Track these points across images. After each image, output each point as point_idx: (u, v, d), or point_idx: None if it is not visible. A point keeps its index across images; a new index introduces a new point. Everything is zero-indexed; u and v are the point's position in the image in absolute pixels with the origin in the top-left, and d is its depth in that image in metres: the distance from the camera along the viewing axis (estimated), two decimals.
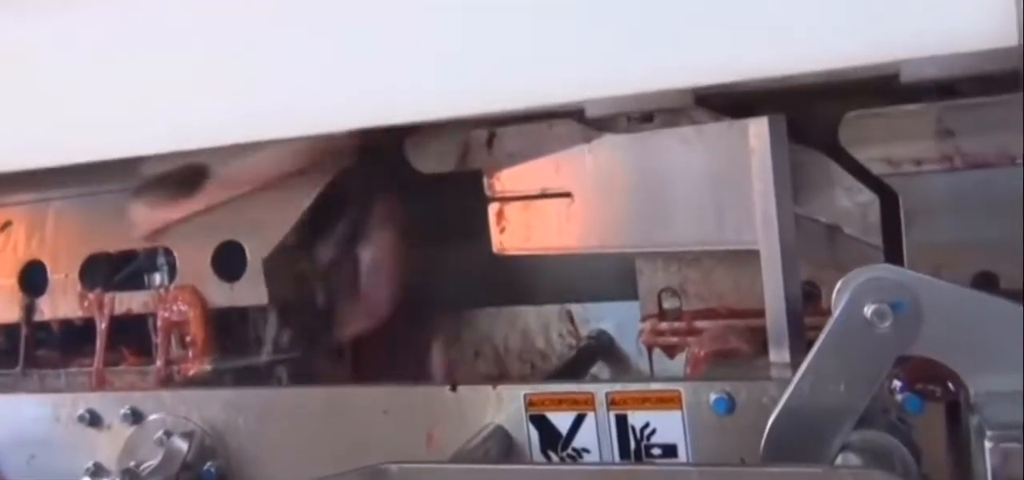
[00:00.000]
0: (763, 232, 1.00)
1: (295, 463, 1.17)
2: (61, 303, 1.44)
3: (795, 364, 0.90)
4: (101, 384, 1.38)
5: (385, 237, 1.34)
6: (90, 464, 1.23)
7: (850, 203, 1.11)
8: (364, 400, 1.11)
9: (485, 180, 1.26)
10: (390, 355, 1.46)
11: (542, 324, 1.53)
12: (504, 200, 1.26)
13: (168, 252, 1.41)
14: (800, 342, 0.98)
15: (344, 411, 1.13)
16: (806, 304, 1.06)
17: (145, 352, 1.44)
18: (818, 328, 0.84)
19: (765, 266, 1.00)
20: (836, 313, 0.81)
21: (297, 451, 1.16)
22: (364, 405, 1.11)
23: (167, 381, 1.34)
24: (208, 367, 1.33)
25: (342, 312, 1.38)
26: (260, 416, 1.17)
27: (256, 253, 1.32)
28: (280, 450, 1.16)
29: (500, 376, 1.51)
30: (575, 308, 1.50)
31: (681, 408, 0.95)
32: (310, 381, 1.38)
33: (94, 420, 1.23)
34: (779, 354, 0.99)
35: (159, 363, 1.35)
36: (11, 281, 1.46)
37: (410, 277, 1.41)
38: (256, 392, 1.19)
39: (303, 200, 1.32)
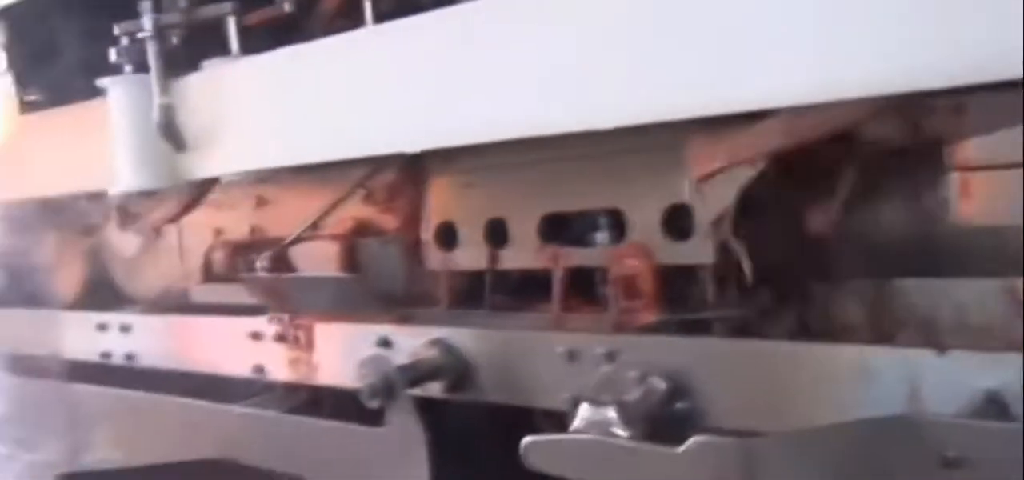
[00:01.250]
0: None
1: (760, 412, 1.26)
2: (521, 255, 1.65)
3: None
4: (557, 328, 1.56)
5: (837, 206, 1.38)
6: (567, 395, 1.42)
7: None
8: (839, 358, 1.17)
9: (947, 150, 1.26)
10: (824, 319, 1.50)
11: (978, 298, 1.49)
12: (970, 170, 1.25)
13: (613, 213, 1.57)
14: None
15: (813, 367, 1.20)
16: None
17: (590, 302, 1.61)
18: None
19: None
20: None
21: (762, 401, 1.25)
22: (840, 362, 1.17)
23: (620, 328, 1.49)
24: (656, 318, 1.46)
25: (788, 274, 1.44)
26: (723, 364, 1.28)
27: (704, 216, 1.43)
28: (745, 399, 1.27)
29: None
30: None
31: None
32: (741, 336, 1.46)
33: (571, 356, 1.42)
34: None
35: (612, 312, 1.51)
36: (477, 235, 1.70)
37: (847, 244, 1.44)
38: (722, 342, 1.30)
39: (748, 171, 1.40)
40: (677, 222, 1.47)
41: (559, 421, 1.54)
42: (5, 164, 1.95)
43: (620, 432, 1.25)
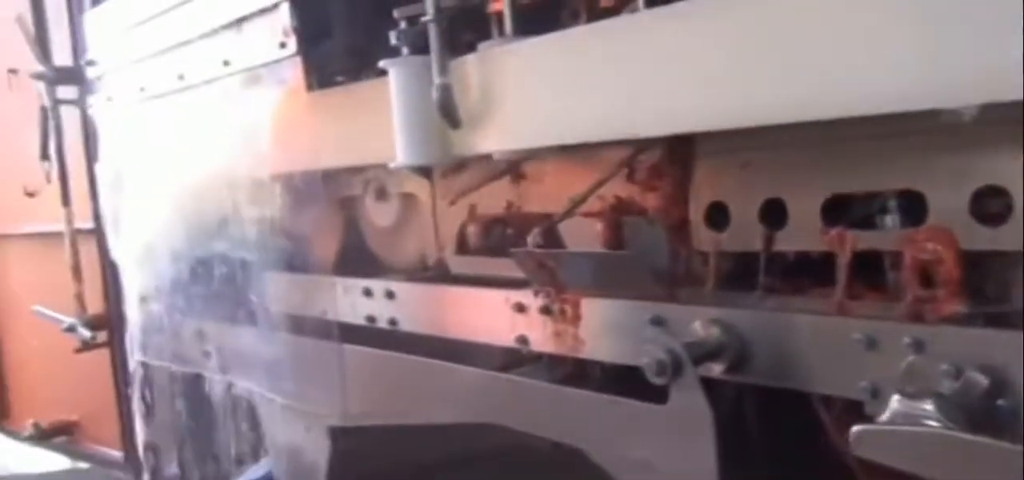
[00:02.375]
0: None
1: None
2: (801, 237, 1.61)
3: None
4: (842, 313, 1.51)
5: None
6: (865, 383, 1.37)
7: None
8: None
9: None
10: None
11: None
12: None
13: (904, 195, 1.50)
14: None
15: None
16: None
17: (874, 289, 1.55)
18: None
19: None
20: None
21: None
22: None
23: (917, 317, 1.43)
24: (961, 309, 1.39)
25: None
26: None
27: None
28: None
29: None
30: None
31: None
32: None
33: (870, 344, 1.38)
34: None
35: (908, 299, 1.44)
36: (751, 215, 1.68)
37: None
38: None
39: None
40: (988, 206, 1.39)
41: (843, 409, 1.52)
42: (296, 139, 2.12)
43: (936, 426, 1.20)
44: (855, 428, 1.19)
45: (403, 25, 1.95)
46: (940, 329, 1.31)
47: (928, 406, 1.20)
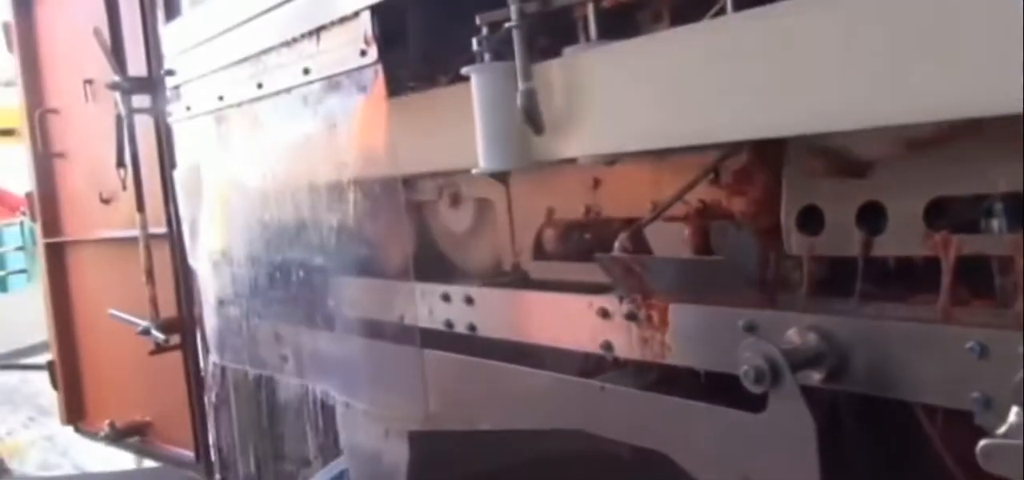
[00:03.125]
0: None
1: None
2: (902, 241, 1.57)
3: None
4: (948, 320, 1.47)
5: None
6: (977, 394, 1.33)
7: None
8: None
9: None
10: None
11: None
12: None
13: (1010, 198, 1.45)
14: None
15: None
16: None
17: (978, 296, 1.50)
18: None
19: None
20: None
21: None
22: None
23: None
24: None
25: None
26: None
27: None
28: None
29: None
30: None
31: None
32: None
33: (983, 352, 1.33)
34: None
35: (1020, 306, 1.39)
36: (847, 219, 1.64)
37: None
38: None
39: None
40: None
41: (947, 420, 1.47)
42: (375, 146, 2.14)
43: None
44: (983, 442, 1.15)
45: (485, 31, 1.95)
46: None
47: None
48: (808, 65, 1.40)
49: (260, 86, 2.52)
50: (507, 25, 1.85)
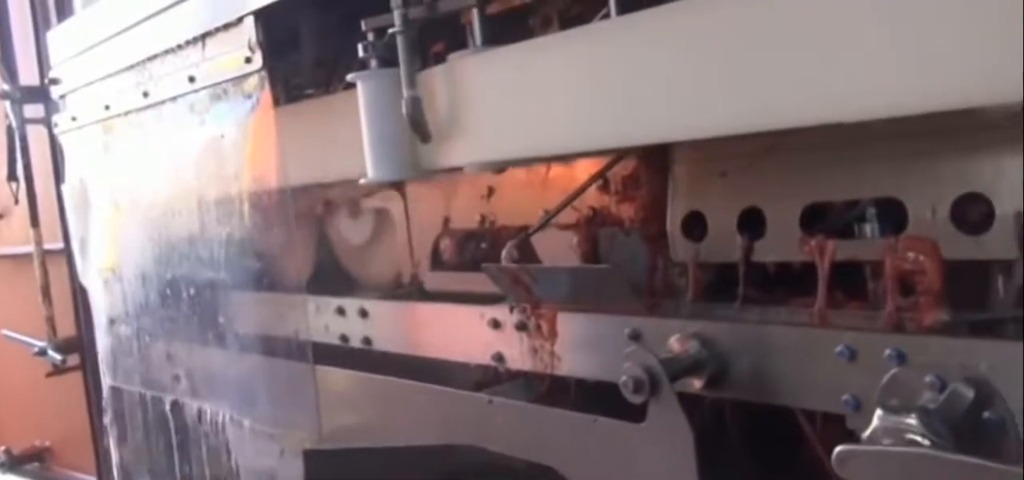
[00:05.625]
0: None
1: None
2: (780, 246, 1.57)
3: None
4: (823, 324, 1.48)
5: None
6: (847, 396, 1.34)
7: None
8: None
9: None
10: None
11: None
12: None
13: (887, 203, 1.46)
14: None
15: None
16: None
17: (852, 299, 1.51)
18: None
19: None
20: None
21: None
22: None
23: (898, 327, 1.39)
24: (944, 318, 1.35)
25: None
26: None
27: (1007, 205, 1.31)
28: None
29: None
30: None
31: None
32: None
33: (852, 356, 1.34)
34: None
35: (889, 309, 1.40)
36: (729, 225, 1.64)
37: None
38: None
39: None
40: (970, 214, 1.35)
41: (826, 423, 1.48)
42: (264, 156, 2.06)
43: (920, 441, 1.16)
44: (839, 448, 1.15)
45: (371, 37, 1.90)
46: (923, 339, 1.27)
47: (912, 421, 1.16)
48: (690, 70, 1.38)
49: (146, 94, 2.42)
50: (391, 31, 1.81)
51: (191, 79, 2.26)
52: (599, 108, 1.53)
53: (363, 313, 2.18)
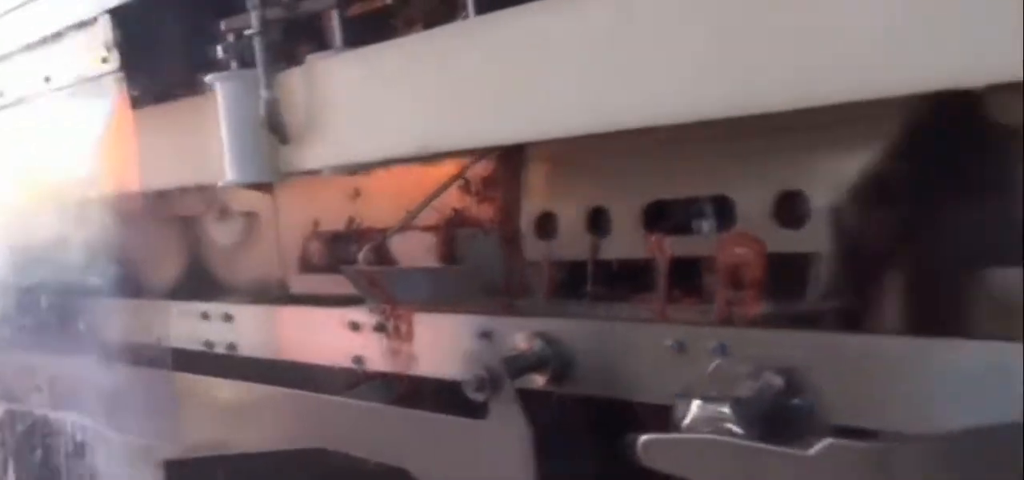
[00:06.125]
0: None
1: (878, 410, 1.20)
2: (623, 244, 1.62)
3: None
4: (662, 319, 1.53)
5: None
6: (675, 389, 1.38)
7: None
8: (967, 354, 1.11)
9: None
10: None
11: None
12: None
13: (719, 200, 1.53)
14: None
15: (939, 364, 1.14)
16: None
17: (691, 293, 1.57)
18: None
19: None
20: None
21: (881, 399, 1.20)
22: (969, 359, 1.11)
23: (727, 321, 1.45)
24: (766, 310, 1.42)
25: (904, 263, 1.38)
26: (842, 360, 1.23)
27: (821, 201, 1.38)
28: (863, 396, 1.21)
29: None
30: None
31: None
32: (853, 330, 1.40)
33: (680, 349, 1.39)
34: None
35: (719, 304, 1.46)
36: (578, 224, 1.68)
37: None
38: (844, 337, 1.25)
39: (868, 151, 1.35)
40: (790, 209, 1.42)
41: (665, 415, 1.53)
42: (117, 158, 2.01)
43: (734, 429, 1.22)
44: (642, 438, 1.19)
45: (230, 38, 1.88)
46: (742, 332, 1.33)
47: (725, 409, 1.22)
48: (542, 70, 1.40)
49: (0, 94, 2.33)
50: (247, 32, 1.79)
51: (47, 79, 2.19)
52: (454, 109, 1.55)
53: (227, 317, 2.14)
